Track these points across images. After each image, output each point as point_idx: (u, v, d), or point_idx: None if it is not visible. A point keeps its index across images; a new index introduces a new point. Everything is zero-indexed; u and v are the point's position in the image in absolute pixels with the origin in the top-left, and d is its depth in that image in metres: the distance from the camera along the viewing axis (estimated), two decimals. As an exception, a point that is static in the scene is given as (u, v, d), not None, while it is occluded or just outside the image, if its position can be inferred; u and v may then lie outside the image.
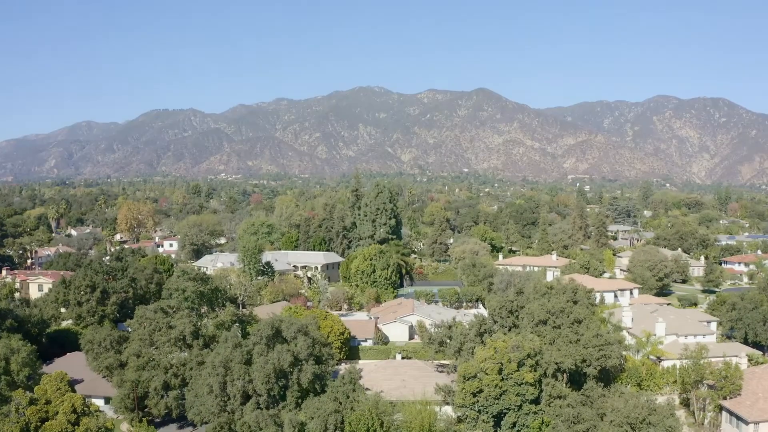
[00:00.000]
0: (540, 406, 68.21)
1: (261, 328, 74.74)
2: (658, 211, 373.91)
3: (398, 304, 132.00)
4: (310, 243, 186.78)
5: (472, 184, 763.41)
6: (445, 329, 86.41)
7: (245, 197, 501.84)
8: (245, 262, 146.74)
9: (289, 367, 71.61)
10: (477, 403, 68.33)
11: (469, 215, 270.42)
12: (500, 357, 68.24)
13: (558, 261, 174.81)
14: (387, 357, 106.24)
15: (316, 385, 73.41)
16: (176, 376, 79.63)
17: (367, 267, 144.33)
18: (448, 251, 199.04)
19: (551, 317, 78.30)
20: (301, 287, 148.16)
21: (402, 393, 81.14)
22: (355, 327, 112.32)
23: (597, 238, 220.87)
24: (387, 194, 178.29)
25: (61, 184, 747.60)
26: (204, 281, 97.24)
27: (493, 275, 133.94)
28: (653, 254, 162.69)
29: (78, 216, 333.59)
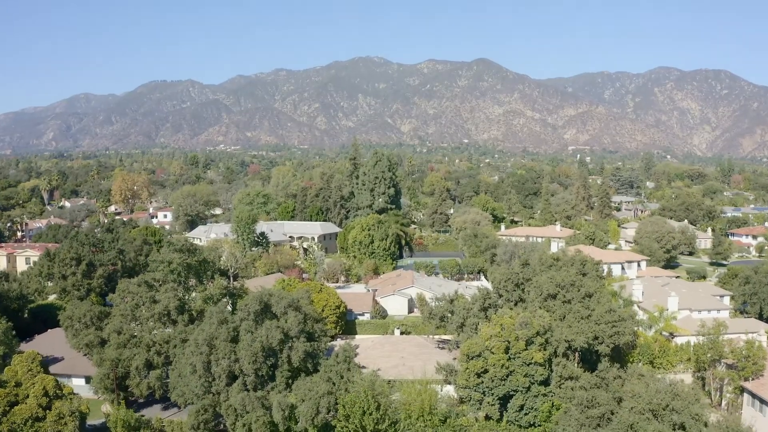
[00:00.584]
0: (550, 388, 62.69)
1: (248, 303, 68.88)
2: (661, 182, 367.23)
3: (397, 276, 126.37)
4: (306, 213, 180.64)
5: (472, 155, 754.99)
6: (447, 303, 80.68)
7: (243, 168, 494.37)
8: (238, 232, 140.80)
9: (279, 345, 65.92)
10: (482, 384, 62.80)
11: (469, 185, 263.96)
12: (507, 335, 62.51)
13: (562, 232, 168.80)
14: (385, 332, 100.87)
15: (308, 364, 67.82)
16: (159, 354, 74.09)
17: (365, 237, 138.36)
18: (449, 222, 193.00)
19: (561, 291, 72.46)
20: (297, 259, 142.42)
21: (400, 371, 75.75)
22: (351, 300, 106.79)
23: (600, 209, 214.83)
24: (386, 163, 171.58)
25: (58, 157, 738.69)
26: (191, 252, 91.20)
27: (496, 246, 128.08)
28: (660, 225, 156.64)
29: (72, 188, 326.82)
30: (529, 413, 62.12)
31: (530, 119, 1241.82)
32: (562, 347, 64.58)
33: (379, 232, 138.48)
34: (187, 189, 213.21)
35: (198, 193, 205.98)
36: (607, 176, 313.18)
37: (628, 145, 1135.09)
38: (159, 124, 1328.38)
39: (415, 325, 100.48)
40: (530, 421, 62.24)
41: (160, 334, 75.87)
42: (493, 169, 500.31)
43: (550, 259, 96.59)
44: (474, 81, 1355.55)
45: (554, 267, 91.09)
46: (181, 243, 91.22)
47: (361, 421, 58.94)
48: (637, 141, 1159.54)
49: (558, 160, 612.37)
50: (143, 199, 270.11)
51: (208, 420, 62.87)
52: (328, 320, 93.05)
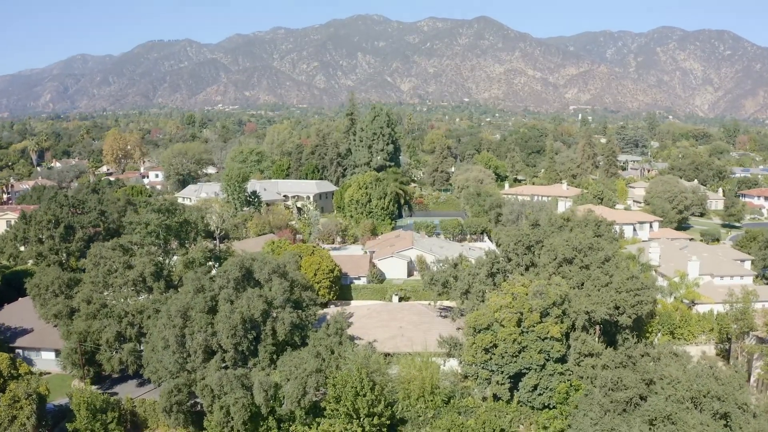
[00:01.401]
0: (567, 366, 54.97)
1: (228, 269, 60.76)
2: (665, 142, 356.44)
3: (396, 237, 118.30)
4: (302, 171, 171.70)
5: (472, 114, 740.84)
6: (450, 268, 72.60)
7: (240, 127, 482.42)
8: (228, 191, 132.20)
9: (262, 316, 58.08)
10: (490, 360, 55.11)
11: (471, 144, 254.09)
12: (519, 305, 54.51)
13: (569, 191, 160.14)
14: (383, 297, 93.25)
15: (296, 336, 60.09)
16: (132, 325, 66.41)
17: (362, 196, 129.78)
18: (450, 180, 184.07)
19: (578, 255, 64.25)
20: (291, 219, 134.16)
21: (399, 343, 68.13)
22: (347, 263, 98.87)
23: (606, 167, 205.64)
24: (384, 118, 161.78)
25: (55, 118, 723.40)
26: (171, 213, 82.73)
27: (501, 205, 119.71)
28: (672, 185, 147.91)
29: (64, 148, 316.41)
30: (544, 394, 54.57)
31: (531, 78, 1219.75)
32: (581, 320, 56.66)
33: (377, 190, 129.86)
34: (177, 147, 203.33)
35: (189, 152, 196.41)
36: (612, 135, 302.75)
37: (629, 105, 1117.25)
38: (156, 84, 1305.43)
39: (415, 290, 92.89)
40: (545, 403, 54.76)
41: (134, 303, 67.97)
42: (494, 127, 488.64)
43: (560, 220, 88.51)
44: (475, 39, 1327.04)
45: (565, 228, 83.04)
46: (159, 203, 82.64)
47: (353, 403, 51.41)
48: (638, 101, 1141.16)
49: (560, 119, 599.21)
50: (135, 159, 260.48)
51: (183, 401, 55.33)
52: (321, 285, 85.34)
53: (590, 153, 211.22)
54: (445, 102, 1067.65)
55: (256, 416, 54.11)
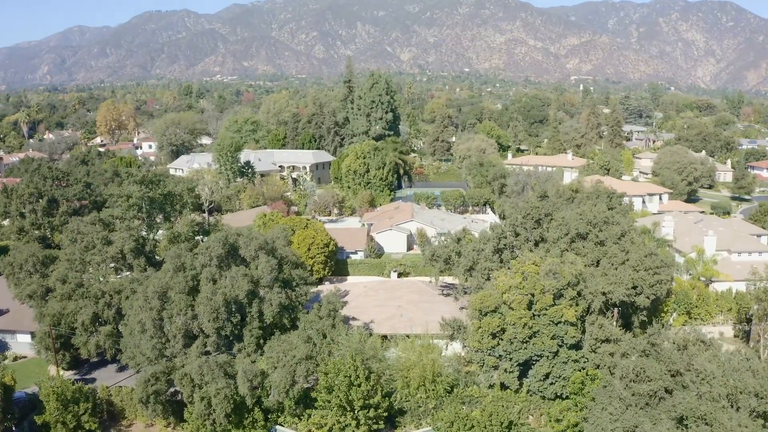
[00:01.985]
0: (582, 353, 49.63)
1: (210, 245, 55.13)
2: (669, 112, 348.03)
3: (395, 209, 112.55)
4: (298, 141, 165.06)
5: (473, 84, 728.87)
6: (453, 243, 66.93)
7: (238, 97, 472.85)
8: (221, 162, 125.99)
9: (247, 297, 52.62)
10: (498, 347, 49.75)
11: (472, 113, 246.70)
12: (530, 286, 48.96)
13: (574, 161, 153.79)
14: (381, 273, 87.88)
15: (285, 319, 54.75)
16: (109, 306, 60.89)
17: (359, 166, 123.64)
18: (451, 150, 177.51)
19: (593, 230, 58.53)
20: (286, 190, 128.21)
21: (397, 325, 62.89)
22: (343, 236, 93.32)
23: (611, 138, 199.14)
24: (383, 85, 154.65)
25: (52, 91, 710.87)
26: (154, 184, 76.87)
27: (505, 176, 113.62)
28: (682, 155, 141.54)
29: (57, 120, 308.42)
30: (556, 383, 49.36)
31: (532, 48, 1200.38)
32: (598, 302, 51.15)
33: (375, 160, 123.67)
34: (171, 117, 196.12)
35: (183, 122, 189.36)
36: (616, 105, 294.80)
37: (631, 75, 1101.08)
38: (154, 55, 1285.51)
39: (415, 265, 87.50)
40: (557, 392, 49.59)
41: (111, 282, 62.44)
42: (495, 97, 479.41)
43: (568, 191, 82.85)
44: (475, 8, 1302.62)
45: (573, 200, 77.38)
46: (141, 174, 76.73)
47: (347, 394, 46.18)
48: (640, 72, 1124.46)
49: (561, 90, 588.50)
50: (130, 130, 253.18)
51: (161, 391, 50.10)
52: (315, 260, 79.90)
53: (595, 123, 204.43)
54: (445, 72, 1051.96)
55: (241, 407, 48.99)
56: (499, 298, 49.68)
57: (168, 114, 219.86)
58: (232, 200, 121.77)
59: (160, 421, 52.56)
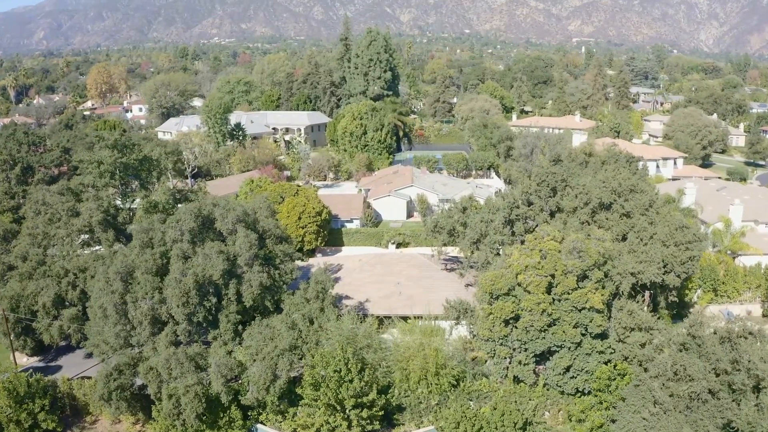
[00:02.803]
0: (608, 343, 42.48)
1: (181, 217, 47.55)
2: (674, 74, 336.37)
3: (394, 173, 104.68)
4: (293, 102, 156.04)
5: (473, 45, 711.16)
6: (457, 212, 59.31)
7: (234, 59, 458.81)
8: (209, 124, 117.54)
9: (223, 278, 45.30)
10: (511, 335, 42.60)
11: (473, 74, 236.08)
12: (550, 266, 41.54)
13: (582, 123, 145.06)
14: (378, 243, 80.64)
15: (267, 301, 47.50)
16: (74, 286, 53.71)
17: (356, 128, 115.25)
18: (453, 111, 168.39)
19: (618, 199, 50.91)
20: (279, 153, 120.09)
21: (395, 304, 55.80)
22: (337, 204, 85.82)
23: (618, 99, 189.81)
24: (381, 43, 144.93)
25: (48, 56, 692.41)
26: (128, 148, 68.85)
27: (511, 138, 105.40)
28: (696, 118, 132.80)
29: (48, 84, 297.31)
30: (578, 377, 42.37)
31: (533, 9, 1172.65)
32: (627, 284, 43.80)
33: (373, 121, 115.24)
34: (160, 78, 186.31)
35: (173, 83, 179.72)
36: (622, 65, 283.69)
37: (633, 38, 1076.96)
38: (151, 18, 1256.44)
39: (415, 235, 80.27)
40: (578, 387, 42.65)
41: (76, 259, 55.08)
42: (497, 58, 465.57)
43: (581, 155, 75.02)
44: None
45: (587, 164, 69.63)
46: (114, 137, 68.68)
47: (336, 392, 39.20)
48: (642, 34, 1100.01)
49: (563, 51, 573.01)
50: (121, 93, 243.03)
51: (125, 386, 43.19)
52: (306, 230, 72.53)
53: (601, 84, 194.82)
54: (445, 34, 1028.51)
55: (216, 405, 42.15)
56: (512, 279, 42.37)
57: (158, 75, 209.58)
58: (222, 165, 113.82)
59: (128, 417, 45.83)
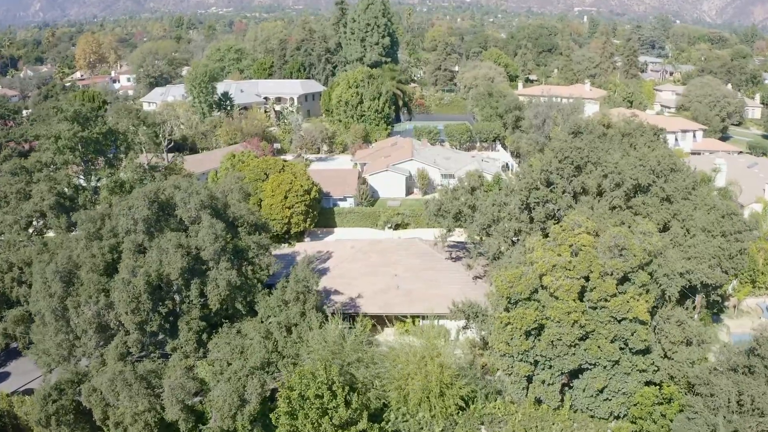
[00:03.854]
0: (651, 358, 34.21)
1: (134, 203, 38.92)
2: (681, 44, 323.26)
3: (392, 146, 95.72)
4: (286, 70, 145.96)
5: (474, 14, 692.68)
6: (465, 193, 50.64)
7: (231, 28, 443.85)
8: (193, 93, 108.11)
9: (183, 277, 36.93)
10: (533, 350, 34.35)
11: (475, 41, 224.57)
12: (584, 266, 33.07)
13: (592, 92, 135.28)
14: (374, 224, 72.26)
15: (238, 303, 39.19)
16: (20, 283, 45.44)
17: (351, 96, 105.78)
18: (455, 79, 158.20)
19: (657, 180, 42.25)
20: (269, 124, 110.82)
21: (393, 301, 47.65)
22: (329, 180, 77.17)
23: (626, 68, 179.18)
24: (379, 6, 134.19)
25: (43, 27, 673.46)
26: (90, 121, 59.80)
27: (520, 108, 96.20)
28: (714, 88, 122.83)
29: (37, 55, 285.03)
30: (613, 399, 34.22)
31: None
32: (676, 287, 35.35)
33: (370, 89, 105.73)
34: (148, 46, 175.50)
35: (161, 51, 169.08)
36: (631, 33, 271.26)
37: (636, 8, 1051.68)
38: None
39: (415, 215, 71.91)
40: (612, 411, 34.54)
41: (23, 250, 46.67)
42: (498, 27, 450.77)
43: (599, 127, 66.15)
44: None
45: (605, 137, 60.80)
46: (73, 108, 59.61)
47: (317, 424, 31.07)
48: (645, 4, 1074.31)
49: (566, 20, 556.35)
50: (111, 63, 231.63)
51: (66, 408, 35.09)
52: (293, 211, 63.99)
53: (609, 51, 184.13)
54: (446, 2, 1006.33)
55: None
56: (535, 281, 33.97)
57: (145, 43, 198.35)
58: (208, 137, 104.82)
59: (73, 441, 37.85)
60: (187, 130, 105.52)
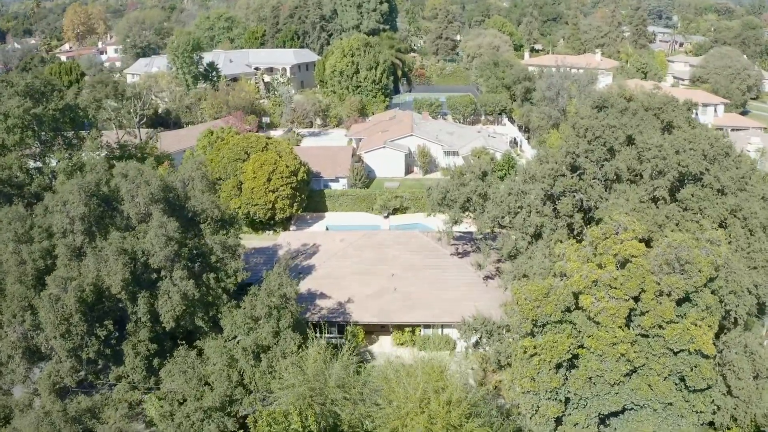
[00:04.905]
0: (711, 396, 26.70)
1: (69, 198, 31.11)
2: (687, 15, 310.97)
3: (390, 119, 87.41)
4: (278, 39, 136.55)
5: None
6: (474, 179, 42.66)
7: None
8: (176, 63, 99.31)
9: (127, 291, 29.33)
10: (565, 386, 26.88)
11: (477, 9, 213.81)
12: (634, 284, 25.37)
13: (604, 62, 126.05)
14: (369, 208, 64.54)
15: (199, 319, 31.67)
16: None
17: (347, 66, 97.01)
18: (457, 49, 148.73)
19: (711, 168, 34.39)
20: (258, 96, 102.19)
21: (389, 306, 40.21)
22: (320, 159, 69.32)
23: (635, 38, 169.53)
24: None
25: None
26: (45, 96, 51.56)
27: (530, 78, 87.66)
28: (734, 59, 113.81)
29: (26, 27, 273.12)
30: (665, 448, 26.87)
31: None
32: (745, 308, 27.70)
33: (366, 58, 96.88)
34: (134, 15, 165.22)
35: (148, 20, 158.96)
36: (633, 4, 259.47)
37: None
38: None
39: (416, 198, 64.16)
40: (663, 460, 27.25)
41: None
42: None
43: (619, 100, 58.17)
44: None
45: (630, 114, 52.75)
46: (25, 82, 51.31)
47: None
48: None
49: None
50: (100, 34, 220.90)
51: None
52: (278, 195, 56.25)
53: (617, 21, 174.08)
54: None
55: (112, 489, 26.91)
56: (568, 299, 26.38)
57: (131, 13, 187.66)
58: (193, 111, 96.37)
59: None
60: (170, 104, 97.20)
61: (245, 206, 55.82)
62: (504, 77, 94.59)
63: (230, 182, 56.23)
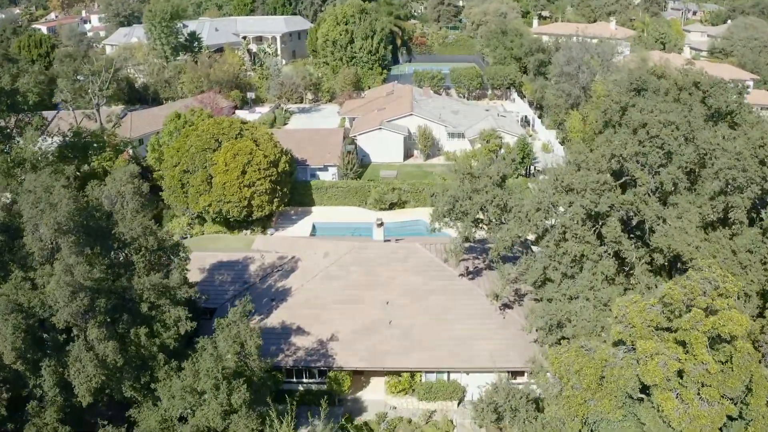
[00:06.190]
0: None
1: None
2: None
3: (388, 95, 78.17)
4: (269, 5, 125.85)
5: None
6: (490, 185, 33.80)
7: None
8: (153, 33, 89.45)
9: (25, 358, 21.02)
10: None
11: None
12: (736, 381, 17.12)
13: (618, 31, 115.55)
14: (362, 202, 56.12)
15: (128, 389, 23.45)
16: None
17: (340, 35, 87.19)
18: (460, 15, 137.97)
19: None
20: (243, 69, 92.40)
21: (382, 346, 32.11)
22: (307, 143, 60.74)
23: (647, 6, 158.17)
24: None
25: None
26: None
27: (543, 49, 78.12)
28: (761, 30, 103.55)
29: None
30: None
31: None
32: None
33: (362, 26, 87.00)
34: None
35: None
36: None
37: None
38: None
39: (416, 191, 55.67)
40: None
41: None
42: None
43: (651, 78, 49.67)
44: None
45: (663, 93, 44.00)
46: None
47: None
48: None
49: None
50: (87, 3, 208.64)
51: None
52: (255, 189, 47.71)
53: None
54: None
55: None
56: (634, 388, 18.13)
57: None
58: (172, 85, 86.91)
59: None
60: (148, 78, 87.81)
61: (216, 203, 47.39)
62: (512, 47, 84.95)
63: (199, 176, 47.62)
